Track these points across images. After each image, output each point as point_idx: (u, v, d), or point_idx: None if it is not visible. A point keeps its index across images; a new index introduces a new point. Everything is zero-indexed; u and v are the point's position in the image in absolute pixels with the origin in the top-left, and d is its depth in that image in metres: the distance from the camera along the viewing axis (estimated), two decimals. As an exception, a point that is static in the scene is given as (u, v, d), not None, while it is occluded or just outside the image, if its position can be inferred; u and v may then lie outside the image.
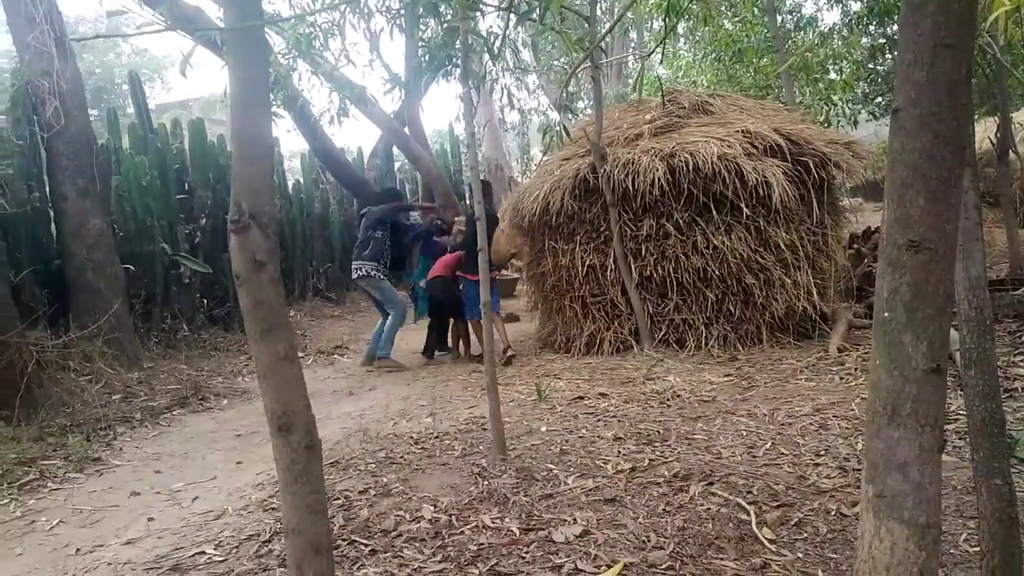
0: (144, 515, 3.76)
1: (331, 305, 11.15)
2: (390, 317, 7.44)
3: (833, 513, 3.02)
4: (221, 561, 3.02)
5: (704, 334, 6.62)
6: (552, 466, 3.84)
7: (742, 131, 6.81)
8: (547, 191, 7.09)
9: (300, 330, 9.34)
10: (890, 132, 1.01)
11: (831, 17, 25.15)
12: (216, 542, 3.23)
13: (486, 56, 4.59)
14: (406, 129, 12.34)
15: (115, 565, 3.12)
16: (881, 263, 1.04)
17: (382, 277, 7.47)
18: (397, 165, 15.42)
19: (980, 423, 2.03)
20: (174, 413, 5.90)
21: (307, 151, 12.57)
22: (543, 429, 4.58)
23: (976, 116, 15.45)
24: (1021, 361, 4.90)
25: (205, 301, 8.82)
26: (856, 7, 12.73)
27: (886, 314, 1.02)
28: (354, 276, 7.57)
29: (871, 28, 12.43)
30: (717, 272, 6.58)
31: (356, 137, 52.71)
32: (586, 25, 7.42)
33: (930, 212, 0.96)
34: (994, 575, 1.94)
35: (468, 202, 9.83)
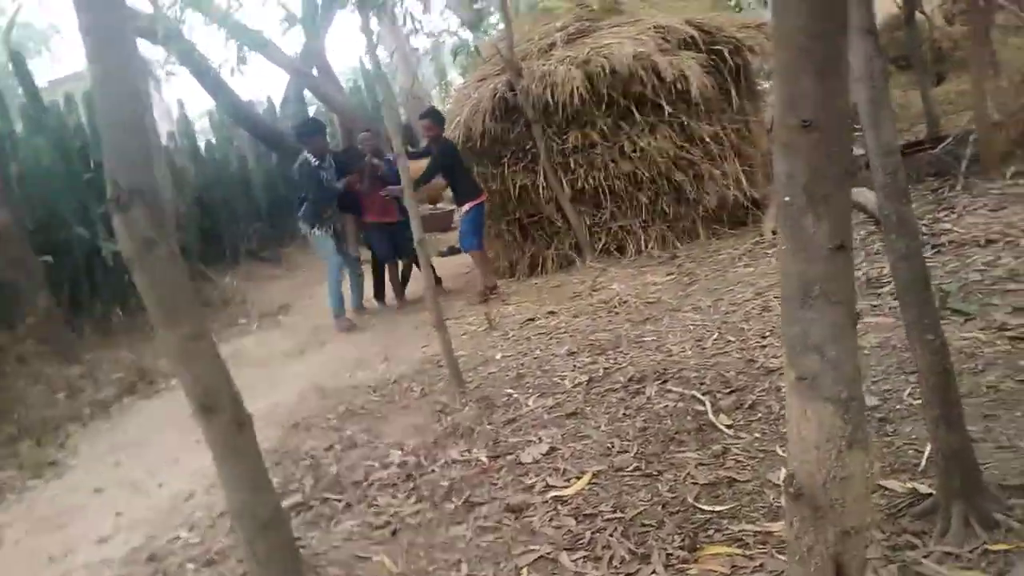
0: (112, 511, 3.70)
1: (267, 265, 10.87)
2: (329, 271, 6.77)
3: (783, 390, 3.11)
4: (198, 543, 3.00)
5: (642, 237, 6.68)
6: (511, 391, 3.89)
7: (654, 27, 6.72)
8: (467, 116, 6.95)
9: (239, 296, 9.12)
10: (772, 11, 0.98)
11: None
12: (189, 524, 3.20)
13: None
14: (314, 70, 11.87)
15: (91, 566, 3.08)
16: (776, 147, 1.02)
17: (317, 233, 6.70)
18: (312, 110, 14.90)
19: (906, 284, 2.09)
20: (124, 402, 5.75)
21: (215, 108, 12.02)
22: (498, 356, 4.61)
23: (880, -21, 15.50)
24: (945, 217, 5.06)
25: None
26: None
27: (786, 198, 1.02)
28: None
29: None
30: (647, 174, 6.59)
31: (264, 87, 50.55)
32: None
33: (818, 90, 0.94)
34: (937, 424, 2.04)
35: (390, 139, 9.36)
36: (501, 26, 9.68)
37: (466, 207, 6.59)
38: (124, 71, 1.30)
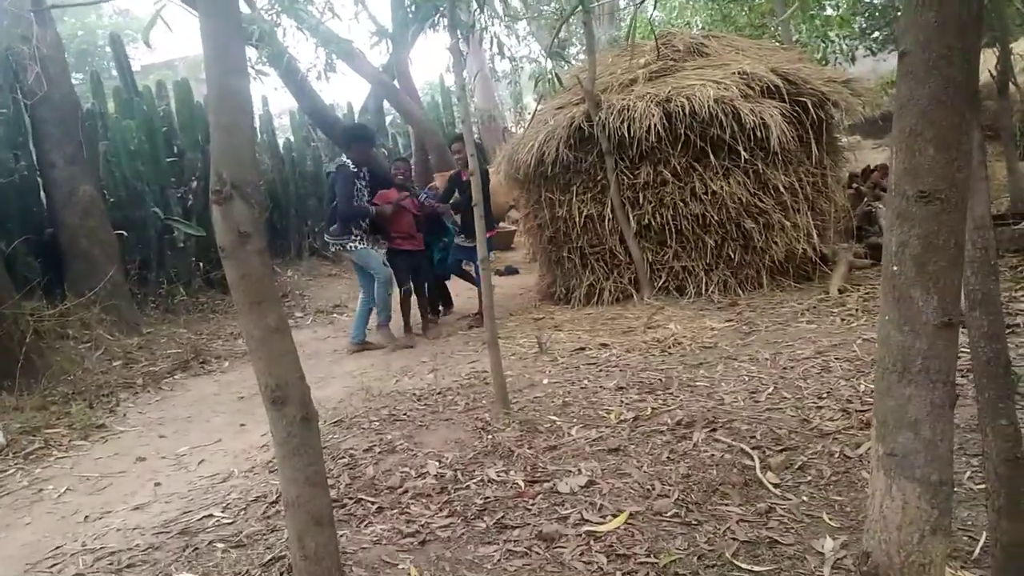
0: (151, 480, 3.79)
1: (328, 264, 11.10)
2: (376, 285, 6.37)
3: (837, 455, 3.03)
4: (229, 523, 3.04)
5: (704, 280, 6.60)
6: (555, 418, 3.85)
7: (738, 73, 6.68)
8: (542, 141, 6.99)
9: (298, 290, 9.31)
10: (897, 77, 0.96)
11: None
12: (224, 504, 3.25)
13: (474, 4, 4.47)
14: (395, 82, 12.13)
15: (124, 531, 3.15)
16: (889, 215, 1.00)
17: (358, 246, 6.29)
18: (388, 120, 15.21)
19: (985, 364, 2.01)
20: (176, 377, 5.91)
21: (296, 109, 12.37)
22: (545, 381, 4.58)
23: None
24: (1022, 296, 4.88)
25: (201, 264, 8.77)
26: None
27: (895, 268, 0.99)
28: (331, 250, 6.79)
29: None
30: (716, 217, 6.53)
31: (346, 93, 51.96)
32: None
33: (940, 161, 0.91)
34: (999, 515, 1.94)
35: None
36: (582, 56, 9.74)
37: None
38: (238, 73, 1.35)
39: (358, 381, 5.23)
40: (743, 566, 2.30)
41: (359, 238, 6.24)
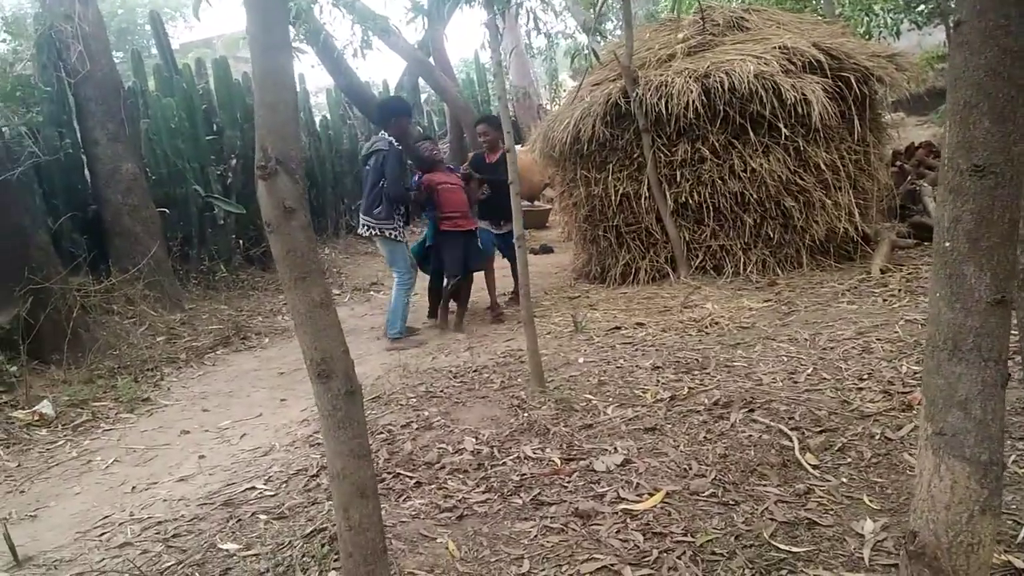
0: (195, 453, 3.89)
1: (364, 241, 11.18)
2: (395, 290, 5.94)
3: (877, 437, 2.99)
4: (272, 496, 3.11)
5: (742, 260, 6.52)
6: (591, 396, 3.86)
7: (779, 47, 6.53)
8: (577, 118, 6.93)
9: (335, 268, 9.42)
10: (951, 47, 0.93)
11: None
12: (266, 477, 3.32)
13: (511, -21, 4.44)
14: (431, 59, 12.12)
15: (170, 501, 3.24)
16: (942, 190, 0.97)
17: (398, 237, 5.89)
18: (424, 97, 15.22)
19: (1033, 346, 1.97)
20: (217, 353, 6.03)
21: (332, 86, 12.43)
22: (580, 360, 4.59)
23: None
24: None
25: (241, 241, 8.91)
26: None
27: (947, 244, 0.96)
28: (363, 233, 6.02)
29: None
30: (755, 196, 6.43)
31: (381, 70, 52.08)
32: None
33: (996, 134, 0.89)
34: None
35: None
36: (618, 32, 9.61)
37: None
38: (282, 49, 1.36)
39: (395, 358, 5.29)
40: (781, 547, 2.29)
41: (397, 228, 5.85)
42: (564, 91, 16.68)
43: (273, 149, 1.28)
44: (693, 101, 6.32)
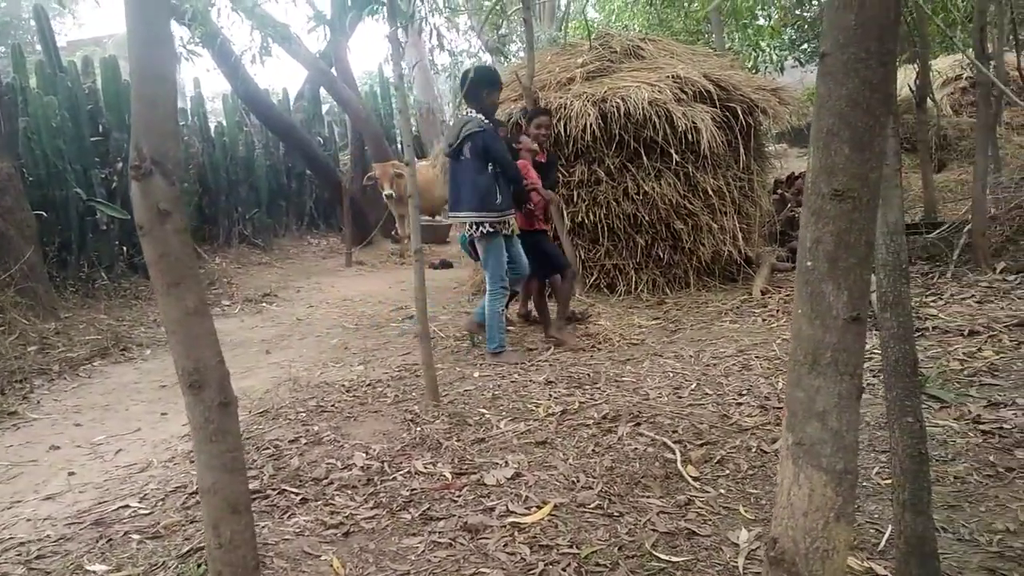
0: (64, 469, 3.64)
1: (258, 252, 10.85)
2: (488, 298, 5.03)
3: (754, 450, 3.13)
4: (147, 514, 2.95)
5: (634, 279, 6.71)
6: (484, 411, 3.87)
7: (673, 76, 6.81)
8: (478, 135, 6.96)
9: (226, 278, 9.07)
10: (817, 78, 1.00)
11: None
12: (141, 495, 3.15)
13: (414, -7, 4.44)
14: (333, 70, 11.93)
15: (34, 521, 3.01)
16: (805, 212, 1.04)
17: (496, 232, 4.90)
18: (325, 108, 14.94)
19: (894, 364, 2.11)
20: (94, 364, 5.68)
21: (229, 92, 12.03)
22: (476, 375, 4.59)
23: (899, 63, 15.86)
24: (932, 302, 5.13)
25: (124, 248, 8.44)
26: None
27: (808, 263, 1.03)
28: (475, 233, 4.91)
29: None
30: (647, 218, 6.64)
31: (282, 78, 50.78)
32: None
33: (854, 161, 0.95)
34: (904, 508, 2.04)
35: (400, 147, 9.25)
36: (522, 54, 9.77)
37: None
38: (161, 42, 1.30)
39: (286, 371, 5.13)
40: (662, 556, 2.35)
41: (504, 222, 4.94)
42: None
43: (149, 148, 1.22)
44: (591, 124, 6.48)
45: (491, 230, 4.83)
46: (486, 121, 4.86)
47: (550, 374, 4.45)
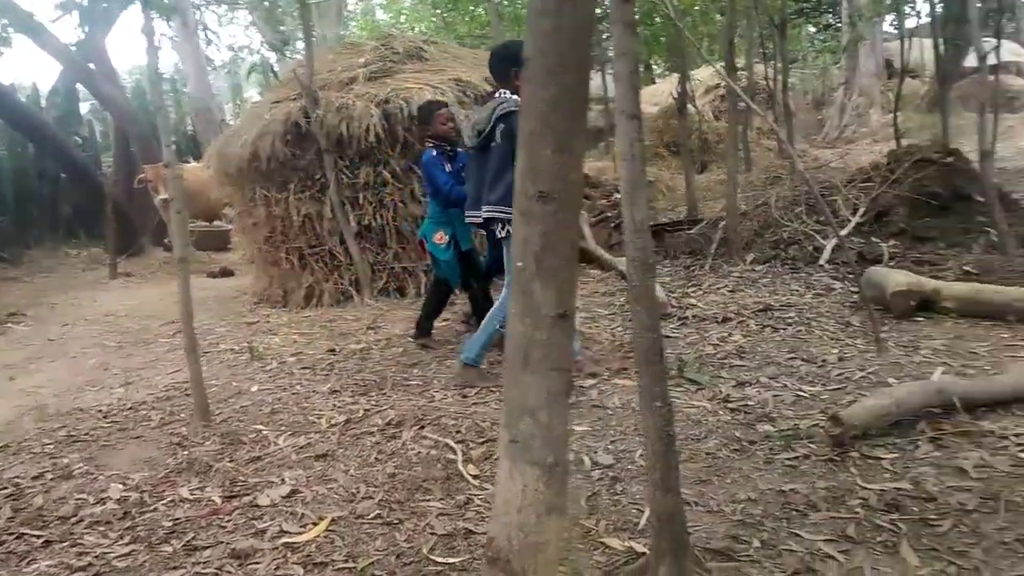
0: None
1: (3, 266, 9.62)
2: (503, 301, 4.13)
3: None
4: None
5: (424, 281, 6.70)
6: (262, 427, 3.68)
7: (455, 79, 6.88)
8: (256, 136, 6.65)
9: (-39, 296, 7.95)
10: (522, 82, 1.02)
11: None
12: None
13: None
14: (91, 65, 10.84)
15: None
16: (516, 214, 1.06)
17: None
18: (88, 106, 13.58)
19: (644, 352, 2.24)
20: None
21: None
22: (254, 389, 4.36)
23: (663, 73, 17.21)
24: (693, 292, 5.58)
25: None
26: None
27: (519, 263, 1.05)
28: (501, 233, 4.05)
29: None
30: (434, 219, 6.65)
31: (32, 72, 45.29)
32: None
33: (557, 163, 0.98)
34: (655, 487, 2.18)
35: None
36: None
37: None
38: None
39: (33, 398, 4.57)
40: (439, 560, 2.34)
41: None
42: (250, 107, 15.99)
43: None
44: (374, 125, 6.39)
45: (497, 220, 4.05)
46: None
47: (335, 383, 4.32)
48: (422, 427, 3.49)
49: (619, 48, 1.99)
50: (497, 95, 4.17)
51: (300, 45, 17.90)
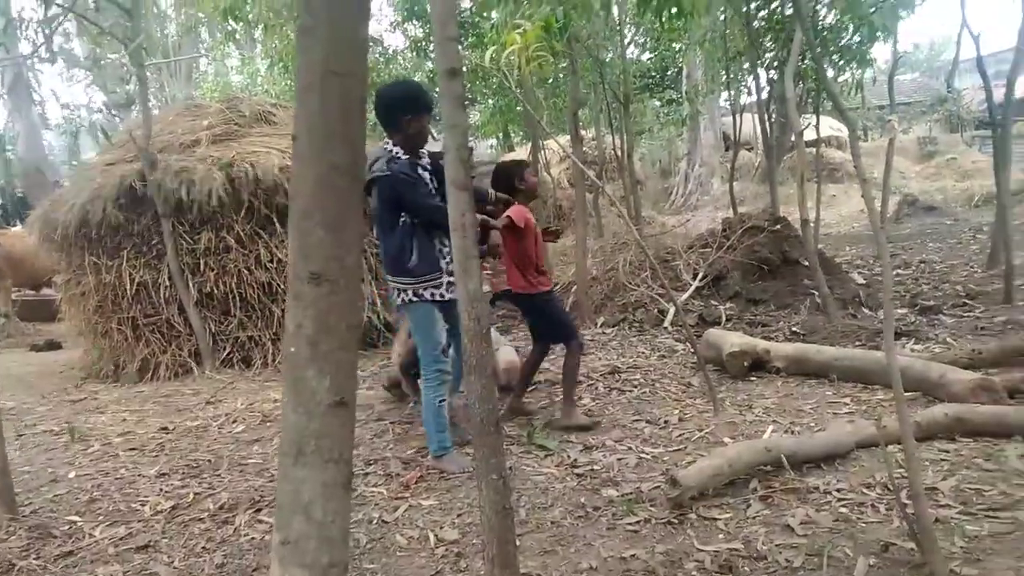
0: None
1: None
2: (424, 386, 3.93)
3: (375, 522, 3.09)
4: None
5: (271, 350, 6.43)
6: (77, 518, 3.34)
7: (304, 144, 6.77)
8: (85, 200, 6.24)
9: None
10: (292, 161, 0.98)
11: (395, 40, 26.65)
12: None
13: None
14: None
15: None
16: (289, 297, 1.01)
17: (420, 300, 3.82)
18: None
19: (480, 423, 2.21)
20: None
21: None
22: (72, 475, 3.97)
23: (521, 142, 17.77)
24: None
25: None
26: (418, 32, 13.72)
27: (292, 349, 0.99)
28: (397, 301, 3.93)
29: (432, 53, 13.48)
30: (283, 286, 6.44)
31: None
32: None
33: (329, 243, 0.95)
34: (493, 563, 2.13)
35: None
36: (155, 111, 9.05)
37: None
38: None
39: None
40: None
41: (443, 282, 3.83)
42: (79, 170, 15.08)
43: None
44: (217, 189, 6.16)
45: (413, 298, 3.79)
46: (401, 157, 3.70)
47: (164, 465, 4.01)
48: (258, 510, 3.28)
49: (448, 121, 2.02)
50: (382, 147, 3.74)
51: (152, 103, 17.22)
